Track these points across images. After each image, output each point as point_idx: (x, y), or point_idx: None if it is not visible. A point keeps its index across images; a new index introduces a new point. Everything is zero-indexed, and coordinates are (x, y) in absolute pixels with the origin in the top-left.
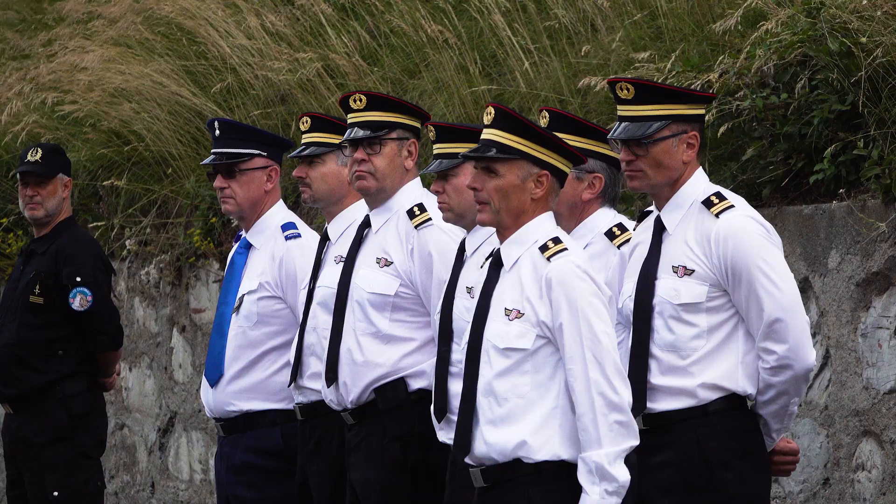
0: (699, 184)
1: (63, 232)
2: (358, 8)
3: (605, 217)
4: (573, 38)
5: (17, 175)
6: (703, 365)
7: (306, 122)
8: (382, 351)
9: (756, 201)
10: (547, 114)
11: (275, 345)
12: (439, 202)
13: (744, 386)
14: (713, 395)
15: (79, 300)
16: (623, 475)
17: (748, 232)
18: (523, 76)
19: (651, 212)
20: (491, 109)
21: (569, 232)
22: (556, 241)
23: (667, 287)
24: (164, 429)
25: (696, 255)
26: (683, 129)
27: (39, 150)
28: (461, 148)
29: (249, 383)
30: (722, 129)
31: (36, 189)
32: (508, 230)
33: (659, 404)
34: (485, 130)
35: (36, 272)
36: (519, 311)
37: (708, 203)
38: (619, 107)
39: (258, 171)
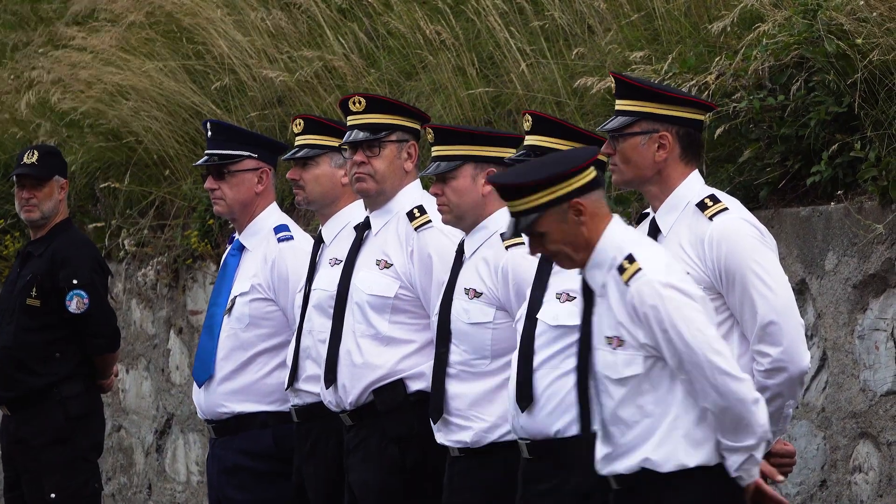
0: (694, 186)
1: (60, 234)
2: (356, 9)
3: None
4: (570, 40)
5: (14, 177)
6: None
7: (299, 124)
8: (381, 353)
9: (753, 203)
10: (530, 117)
11: (266, 347)
12: (438, 204)
13: None
14: None
15: (75, 303)
16: (762, 426)
17: (741, 234)
18: (520, 78)
19: (648, 214)
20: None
21: None
22: (631, 259)
23: None
24: (160, 431)
25: (690, 258)
26: (654, 129)
27: (36, 152)
28: (460, 150)
29: (241, 385)
30: (719, 131)
31: (32, 191)
32: (583, 255)
33: None
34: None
35: (33, 275)
36: (619, 339)
37: (702, 206)
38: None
39: (248, 173)
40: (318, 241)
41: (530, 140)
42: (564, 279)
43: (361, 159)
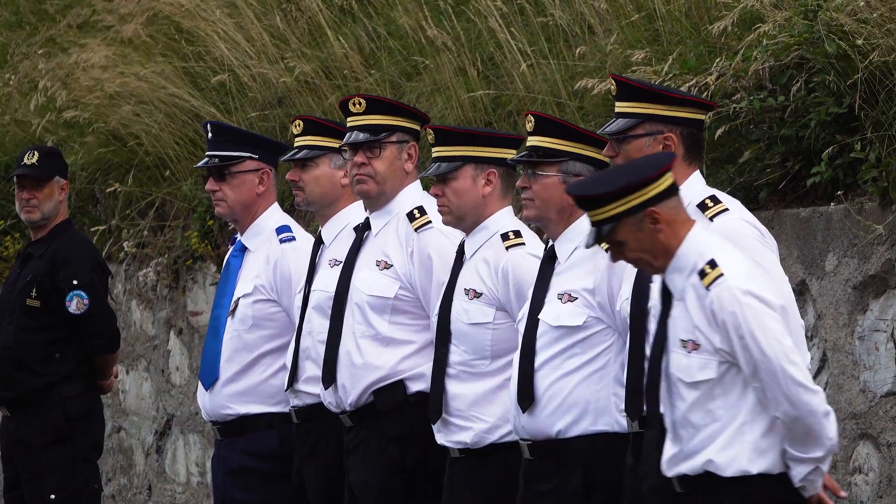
0: (695, 186)
1: (60, 235)
2: (356, 10)
3: None
4: (570, 41)
5: (14, 178)
6: None
7: (299, 125)
8: (381, 353)
9: (753, 204)
10: (532, 118)
11: (270, 348)
12: (439, 205)
13: None
14: None
15: (75, 303)
16: (831, 439)
17: (742, 235)
18: (521, 78)
19: None
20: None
21: (557, 236)
22: (713, 264)
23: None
24: (160, 431)
25: None
26: (658, 130)
27: (36, 152)
28: (460, 151)
29: (245, 386)
30: (719, 132)
31: (32, 192)
32: (662, 261)
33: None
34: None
35: (33, 275)
36: (695, 343)
37: (703, 206)
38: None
39: (249, 174)
40: (318, 242)
41: (532, 141)
42: (566, 280)
43: (362, 160)
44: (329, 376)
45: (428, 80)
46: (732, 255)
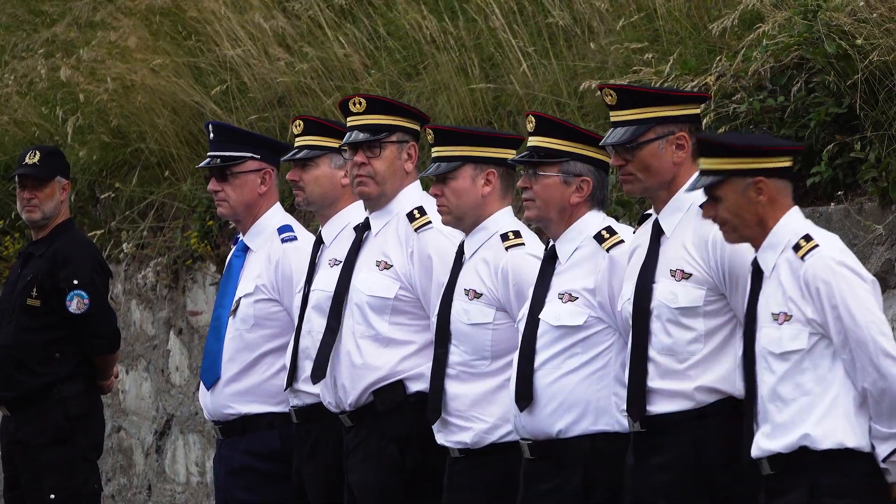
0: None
1: (61, 235)
2: (356, 10)
3: (594, 220)
4: (571, 40)
5: (16, 178)
6: (701, 368)
7: (299, 125)
8: (381, 354)
9: None
10: (533, 118)
11: (272, 347)
12: (438, 205)
13: (741, 389)
14: (710, 399)
15: (76, 303)
16: None
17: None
18: (521, 78)
19: (650, 215)
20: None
21: (558, 236)
22: (808, 238)
23: (664, 290)
24: (160, 431)
25: (693, 259)
26: (670, 131)
27: (38, 152)
28: (459, 151)
29: (247, 386)
30: (719, 132)
31: (34, 192)
32: (758, 240)
33: (656, 406)
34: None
35: (33, 275)
36: (786, 314)
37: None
38: (610, 112)
39: (251, 174)
40: (318, 242)
41: (533, 141)
42: (567, 279)
43: (362, 160)
44: (319, 372)
45: (428, 80)
46: (827, 233)
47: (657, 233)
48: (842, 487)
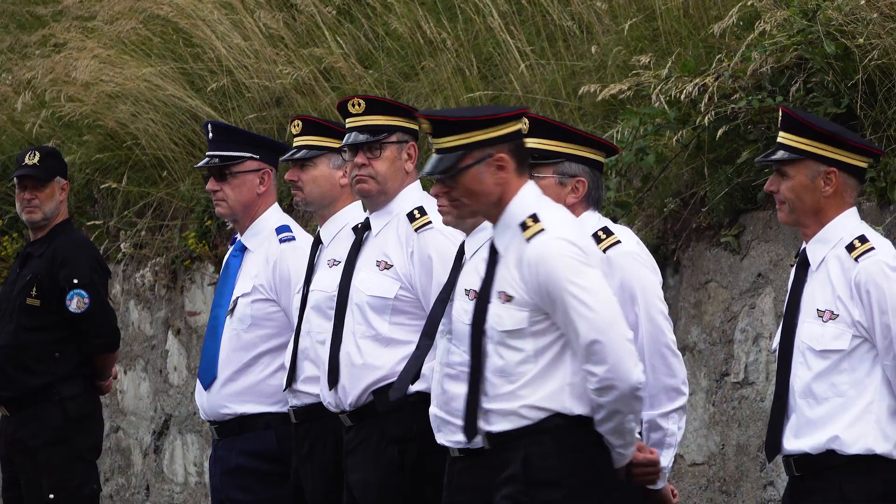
0: (522, 204)
1: (60, 235)
2: (354, 10)
3: (590, 221)
4: (569, 41)
5: (15, 178)
6: (531, 388)
7: (297, 125)
8: (381, 354)
9: (751, 204)
10: (527, 120)
11: (269, 348)
12: (438, 205)
13: (570, 406)
14: (542, 416)
15: (76, 302)
16: None
17: (556, 255)
18: (520, 79)
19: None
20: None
21: None
22: (863, 239)
23: (493, 314)
24: (158, 432)
25: (515, 281)
26: (488, 154)
27: (37, 153)
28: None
29: (243, 386)
30: (718, 133)
31: (34, 192)
32: (811, 229)
33: (495, 426)
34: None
35: (33, 275)
36: (832, 313)
37: (523, 226)
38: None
39: (250, 175)
40: (317, 242)
41: (527, 143)
42: None
43: (362, 161)
44: (333, 377)
45: (426, 81)
46: (882, 238)
47: (494, 252)
48: (869, 494)
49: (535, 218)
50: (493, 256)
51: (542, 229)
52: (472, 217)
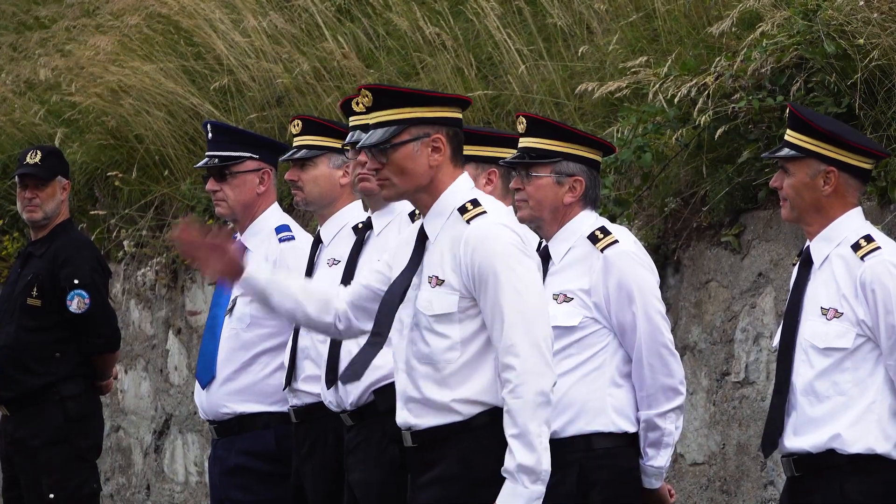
0: (459, 191)
1: (61, 234)
2: (354, 10)
3: (587, 220)
4: (569, 41)
5: (16, 177)
6: (460, 378)
7: (297, 125)
8: (382, 353)
9: (752, 204)
10: (524, 120)
11: (268, 347)
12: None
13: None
14: (475, 410)
15: (76, 302)
16: None
17: (496, 237)
18: (519, 79)
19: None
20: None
21: (551, 236)
22: (869, 239)
23: (422, 299)
24: (159, 431)
25: (448, 264)
26: (426, 133)
27: (39, 152)
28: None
29: (242, 385)
30: (719, 132)
31: (35, 191)
32: (813, 227)
33: (424, 420)
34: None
35: (34, 275)
36: (837, 311)
37: (462, 209)
38: (366, 117)
39: (250, 174)
40: (317, 242)
41: (525, 142)
42: (561, 280)
43: (365, 160)
44: (331, 376)
45: (426, 80)
46: (887, 238)
47: (422, 237)
48: (869, 493)
49: (475, 202)
50: (422, 242)
51: (484, 212)
52: (398, 200)
